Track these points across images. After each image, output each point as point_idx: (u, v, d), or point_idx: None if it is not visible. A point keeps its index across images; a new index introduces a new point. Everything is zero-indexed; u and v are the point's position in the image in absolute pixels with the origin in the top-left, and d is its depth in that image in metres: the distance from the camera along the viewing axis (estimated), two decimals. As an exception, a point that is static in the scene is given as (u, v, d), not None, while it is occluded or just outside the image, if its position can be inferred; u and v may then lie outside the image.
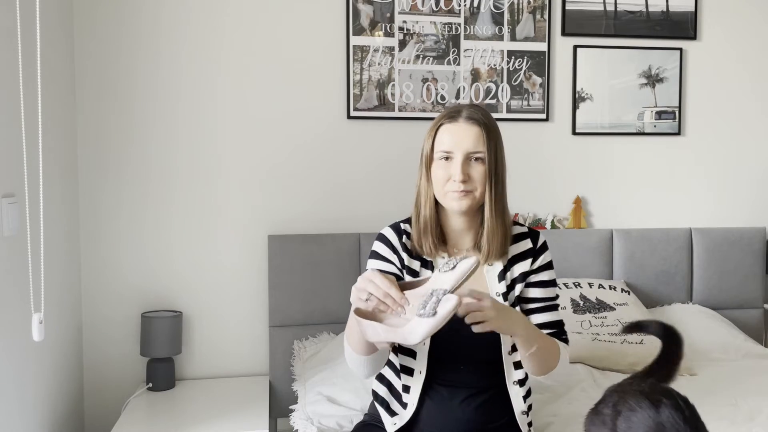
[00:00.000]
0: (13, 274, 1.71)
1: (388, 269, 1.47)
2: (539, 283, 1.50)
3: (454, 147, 1.40)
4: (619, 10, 2.63)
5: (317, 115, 2.46)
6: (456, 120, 1.42)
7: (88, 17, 2.29)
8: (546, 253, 1.51)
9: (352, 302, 1.27)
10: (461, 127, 1.41)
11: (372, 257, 1.50)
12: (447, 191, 1.41)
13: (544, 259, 1.50)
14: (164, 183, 2.37)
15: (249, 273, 2.43)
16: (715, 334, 2.39)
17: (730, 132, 2.76)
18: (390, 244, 1.49)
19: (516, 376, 1.47)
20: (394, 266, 1.47)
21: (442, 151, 1.41)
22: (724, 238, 2.64)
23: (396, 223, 1.52)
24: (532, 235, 1.51)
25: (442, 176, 1.41)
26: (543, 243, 1.52)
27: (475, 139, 1.40)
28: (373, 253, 1.50)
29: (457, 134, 1.41)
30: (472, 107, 1.44)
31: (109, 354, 2.35)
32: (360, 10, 2.44)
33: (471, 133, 1.40)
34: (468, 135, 1.40)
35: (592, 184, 2.67)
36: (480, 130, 1.41)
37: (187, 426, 1.98)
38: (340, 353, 2.12)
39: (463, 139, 1.40)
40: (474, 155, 1.40)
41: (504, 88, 2.56)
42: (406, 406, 1.46)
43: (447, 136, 1.42)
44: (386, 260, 1.48)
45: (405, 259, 1.47)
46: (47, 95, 1.95)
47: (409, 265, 1.46)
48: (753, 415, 1.76)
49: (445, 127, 1.42)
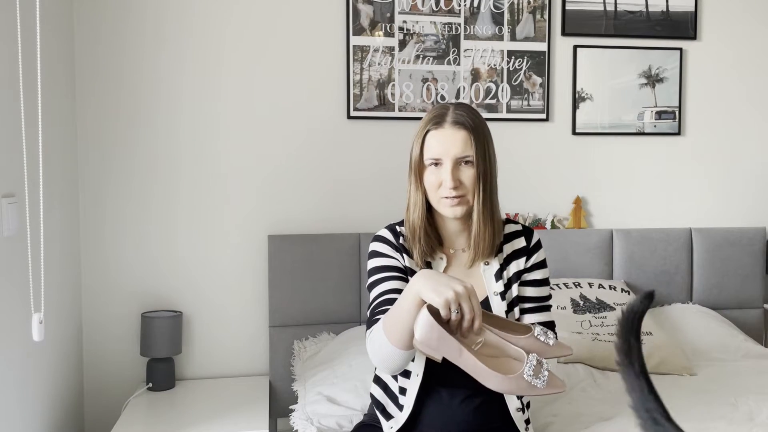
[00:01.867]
0: (13, 274, 1.71)
1: (394, 264, 1.46)
2: (532, 282, 1.49)
3: (442, 154, 1.39)
4: (619, 10, 2.63)
5: (317, 115, 2.46)
6: (442, 125, 1.40)
7: (88, 17, 2.29)
8: (539, 251, 1.51)
9: (433, 301, 1.18)
10: (447, 133, 1.39)
11: (374, 257, 1.48)
12: (440, 197, 1.40)
13: (537, 258, 1.50)
14: (164, 183, 2.37)
15: (249, 273, 2.43)
16: (714, 334, 2.39)
17: (730, 132, 2.76)
18: (391, 243, 1.48)
19: None
20: (398, 262, 1.46)
21: (430, 158, 1.40)
22: (724, 238, 2.64)
23: (392, 225, 1.51)
24: (526, 234, 1.51)
25: (433, 182, 1.40)
26: (537, 241, 1.51)
27: (463, 144, 1.38)
28: (375, 252, 1.48)
29: (444, 140, 1.39)
30: (457, 108, 1.42)
31: (109, 354, 2.35)
32: (360, 10, 2.44)
33: (458, 138, 1.38)
34: (455, 140, 1.38)
35: (592, 184, 2.67)
36: (467, 134, 1.39)
37: (187, 426, 1.98)
38: (340, 353, 2.13)
39: (451, 146, 1.38)
40: (463, 159, 1.39)
41: (504, 88, 2.56)
42: (402, 408, 1.46)
43: (434, 142, 1.39)
44: (390, 257, 1.46)
45: (405, 259, 1.46)
46: (47, 95, 1.95)
47: (409, 266, 1.46)
48: (752, 415, 1.76)
49: (432, 134, 1.40)
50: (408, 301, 1.23)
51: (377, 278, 1.45)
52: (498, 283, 1.46)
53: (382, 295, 1.42)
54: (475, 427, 1.44)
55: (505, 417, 1.47)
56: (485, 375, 1.19)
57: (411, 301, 1.22)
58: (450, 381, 1.44)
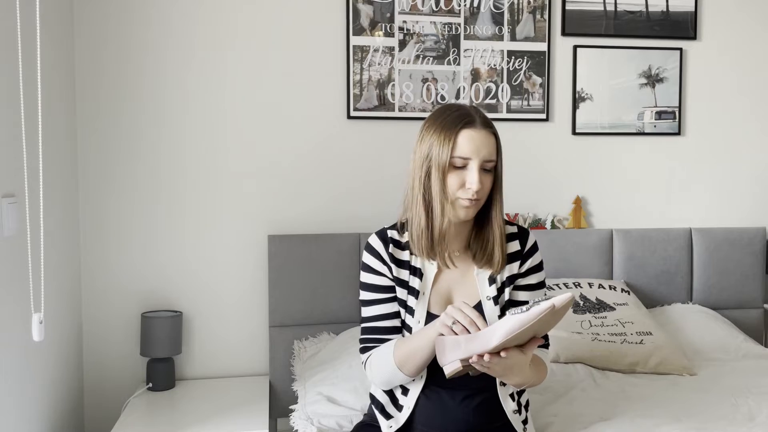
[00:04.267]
0: (12, 274, 1.71)
1: (382, 283, 1.47)
2: (526, 287, 1.49)
3: (473, 153, 1.35)
4: (619, 10, 2.63)
5: (317, 115, 2.46)
6: (474, 126, 1.36)
7: (88, 17, 2.29)
8: (535, 255, 1.49)
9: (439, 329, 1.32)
10: (482, 134, 1.36)
11: (364, 270, 1.49)
12: (457, 198, 1.37)
13: (532, 262, 1.49)
14: (164, 183, 2.37)
15: (249, 273, 2.43)
16: (715, 334, 2.39)
17: (730, 132, 2.76)
18: (379, 256, 1.47)
19: None
20: (386, 278, 1.47)
21: (459, 157, 1.35)
22: (724, 238, 2.64)
23: (383, 231, 1.49)
24: (521, 236, 1.49)
25: (454, 183, 1.37)
26: (532, 245, 1.50)
27: (491, 148, 1.37)
28: (365, 265, 1.49)
29: (476, 140, 1.35)
30: (478, 111, 1.41)
31: (109, 354, 2.35)
32: (360, 10, 2.44)
33: (489, 141, 1.37)
34: (486, 142, 1.36)
35: (592, 184, 2.67)
36: (494, 139, 1.39)
37: (187, 426, 1.98)
38: (341, 353, 2.13)
39: (482, 147, 1.36)
40: (487, 163, 1.37)
41: (504, 88, 2.56)
42: (402, 409, 1.46)
43: (466, 141, 1.35)
44: (378, 273, 1.47)
45: (393, 269, 1.46)
46: (47, 95, 1.95)
47: (398, 276, 1.46)
48: (753, 415, 1.76)
49: (465, 132, 1.35)
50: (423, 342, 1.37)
51: (366, 299, 1.49)
52: (491, 287, 1.45)
53: (369, 321, 1.48)
54: (474, 427, 1.44)
55: (505, 417, 1.47)
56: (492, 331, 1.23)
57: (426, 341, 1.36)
58: (449, 381, 1.44)
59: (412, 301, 1.45)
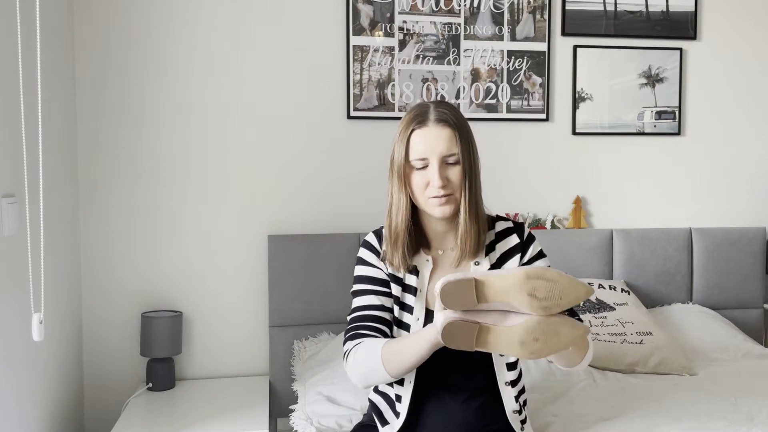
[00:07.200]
0: (12, 274, 1.71)
1: (376, 275, 1.47)
2: None
3: (428, 153, 1.37)
4: (619, 10, 2.63)
5: (317, 114, 2.46)
6: (425, 124, 1.38)
7: (88, 18, 2.29)
8: (534, 243, 1.49)
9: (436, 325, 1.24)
10: (432, 132, 1.37)
11: (359, 263, 1.50)
12: (428, 197, 1.39)
13: (533, 250, 1.48)
14: (164, 183, 2.37)
15: (249, 273, 2.43)
16: (714, 334, 2.39)
17: (730, 132, 2.76)
18: (375, 251, 1.49)
19: (508, 377, 1.46)
20: (381, 272, 1.47)
21: (416, 159, 1.37)
22: (724, 238, 2.64)
23: (379, 230, 1.52)
24: (517, 230, 1.49)
25: (420, 182, 1.39)
26: (529, 234, 1.50)
27: (448, 142, 1.37)
28: (360, 259, 1.50)
29: (429, 139, 1.37)
30: (439, 106, 1.40)
31: (109, 354, 2.35)
32: (360, 10, 2.44)
33: (443, 135, 1.37)
34: (441, 138, 1.37)
35: (592, 184, 2.67)
36: (452, 132, 1.37)
37: (187, 426, 1.98)
38: (341, 353, 2.12)
39: (437, 144, 1.36)
40: (449, 157, 1.37)
41: (504, 88, 2.56)
42: (399, 416, 1.46)
43: (419, 141, 1.37)
44: (374, 266, 1.48)
45: (388, 267, 1.47)
46: (47, 95, 1.95)
47: (393, 272, 1.46)
48: (753, 415, 1.76)
49: (417, 133, 1.38)
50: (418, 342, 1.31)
51: (358, 289, 1.49)
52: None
53: (360, 310, 1.47)
54: (476, 429, 1.44)
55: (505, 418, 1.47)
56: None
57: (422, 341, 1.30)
58: (451, 383, 1.44)
59: (410, 299, 1.45)
